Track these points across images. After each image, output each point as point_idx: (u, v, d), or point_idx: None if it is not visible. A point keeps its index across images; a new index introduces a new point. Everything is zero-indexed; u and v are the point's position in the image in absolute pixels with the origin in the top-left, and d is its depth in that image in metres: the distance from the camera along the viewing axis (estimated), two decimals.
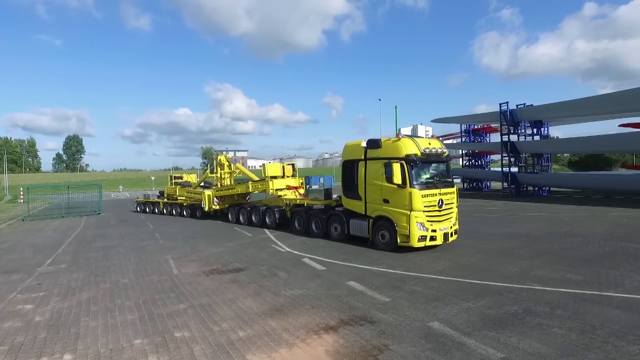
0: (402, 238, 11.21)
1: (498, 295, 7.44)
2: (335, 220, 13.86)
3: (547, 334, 5.63)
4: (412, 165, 11.11)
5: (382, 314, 6.65)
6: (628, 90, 26.90)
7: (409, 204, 10.98)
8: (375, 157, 12.08)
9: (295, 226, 15.91)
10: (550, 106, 31.65)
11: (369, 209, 12.31)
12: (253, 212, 18.68)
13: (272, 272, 9.89)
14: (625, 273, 8.62)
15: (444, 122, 47.31)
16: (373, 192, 12.10)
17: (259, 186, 19.01)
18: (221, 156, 23.00)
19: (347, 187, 13.25)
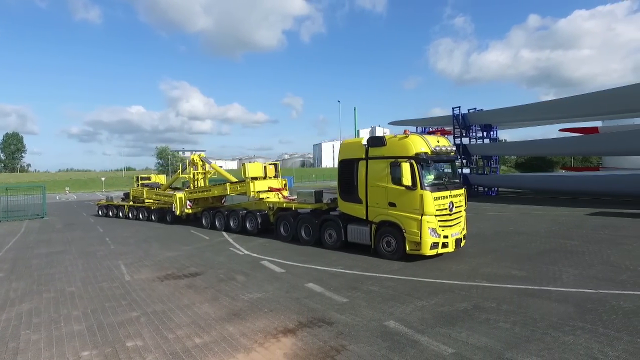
0: (412, 245, 10.13)
1: (450, 292, 7.78)
2: (330, 226, 12.50)
3: (494, 328, 5.97)
4: (422, 165, 10.10)
5: (340, 315, 6.75)
6: (567, 97, 29.14)
7: (419, 207, 9.91)
8: (379, 156, 10.90)
9: (280, 232, 14.43)
10: (499, 111, 33.51)
11: (371, 214, 11.12)
12: (231, 216, 17.10)
13: (230, 276, 9.74)
14: (562, 268, 9.30)
15: (401, 125, 48.60)
16: (376, 195, 10.93)
17: (238, 188, 17.31)
18: (194, 155, 20.99)
19: (344, 189, 12.06)
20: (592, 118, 33.85)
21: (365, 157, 11.33)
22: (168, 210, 21.31)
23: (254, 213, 16.05)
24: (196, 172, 20.63)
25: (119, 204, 26.27)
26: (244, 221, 16.38)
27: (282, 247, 13.27)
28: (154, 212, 22.64)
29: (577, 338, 5.53)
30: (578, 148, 33.80)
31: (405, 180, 9.94)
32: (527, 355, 5.09)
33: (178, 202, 20.05)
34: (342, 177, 12.16)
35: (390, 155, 10.65)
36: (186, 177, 21.57)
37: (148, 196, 23.57)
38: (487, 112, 34.28)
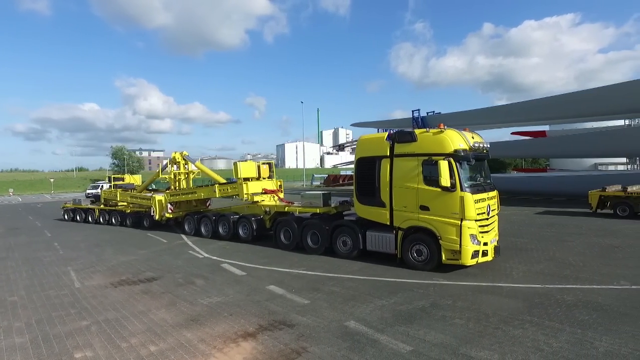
0: (449, 254, 9.04)
1: (409, 291, 7.97)
2: (345, 233, 11.08)
3: (450, 325, 6.18)
4: (460, 164, 9.06)
5: (301, 317, 6.73)
6: (518, 103, 30.81)
7: (459, 211, 8.82)
8: (407, 153, 9.70)
9: (280, 240, 12.78)
10: (456, 115, 34.83)
11: (397, 219, 9.89)
12: (220, 222, 15.21)
13: (188, 280, 9.46)
14: (513, 265, 9.79)
15: (363, 127, 49.37)
16: (404, 197, 9.71)
17: (228, 190, 15.53)
18: (176, 153, 18.78)
19: (363, 190, 10.71)
20: (540, 122, 36.00)
21: (389, 155, 10.06)
22: (145, 214, 19.27)
23: (248, 218, 14.34)
24: (178, 172, 18.67)
25: (88, 207, 23.63)
26: (236, 227, 14.63)
27: (243, 250, 13.07)
28: (128, 217, 20.37)
29: (526, 331, 5.83)
30: (528, 150, 35.89)
31: (444, 180, 8.77)
32: (480, 349, 5.30)
33: (157, 205, 17.95)
34: (360, 178, 10.83)
35: (422, 152, 9.46)
36: (166, 177, 19.42)
37: (122, 199, 21.29)
38: (445, 115, 35.50)
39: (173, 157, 18.79)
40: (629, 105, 25.92)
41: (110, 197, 22.41)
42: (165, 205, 17.83)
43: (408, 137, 9.77)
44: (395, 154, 9.98)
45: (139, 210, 19.91)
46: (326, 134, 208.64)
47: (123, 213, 20.85)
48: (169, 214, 17.85)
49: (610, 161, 52.84)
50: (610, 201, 18.68)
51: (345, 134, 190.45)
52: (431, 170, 9.23)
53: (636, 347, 5.22)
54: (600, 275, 8.49)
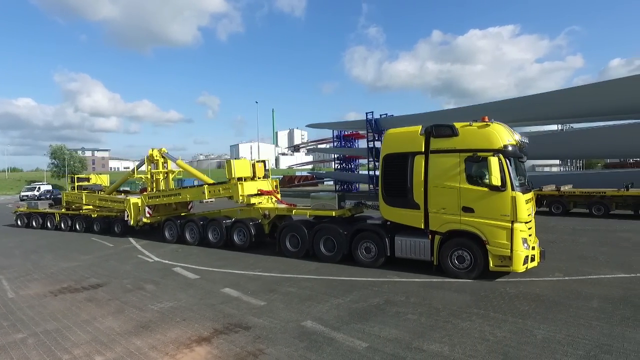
0: (497, 260, 8.26)
1: (364, 289, 8.14)
2: (368, 238, 9.98)
3: (403, 320, 6.38)
4: (510, 160, 8.32)
5: (257, 319, 6.66)
6: (464, 107, 32.49)
7: (510, 213, 8.09)
8: (447, 149, 8.80)
9: (286, 246, 11.44)
10: (407, 117, 36.15)
11: (434, 222, 8.96)
12: (210, 227, 13.55)
13: (137, 286, 9.03)
14: None
15: (318, 128, 49.78)
16: (441, 198, 8.82)
17: (220, 191, 13.99)
18: (153, 150, 16.73)
19: (391, 191, 9.72)
20: None
21: (424, 151, 9.12)
22: (116, 219, 17.20)
23: (245, 223, 12.68)
24: (156, 171, 16.66)
25: (47, 211, 20.80)
26: (230, 233, 12.96)
27: (196, 252, 12.69)
28: (95, 222, 18.19)
29: (473, 323, 6.16)
30: None
31: (495, 179, 8.05)
32: (432, 342, 5.53)
33: (132, 209, 15.91)
34: (387, 177, 9.81)
35: (465, 147, 8.61)
36: (142, 177, 17.31)
37: (89, 202, 18.86)
38: (397, 117, 36.74)
39: (150, 155, 16.71)
40: (560, 112, 28.22)
41: (74, 200, 19.76)
42: (143, 208, 15.79)
43: (448, 131, 8.84)
44: (432, 149, 9.00)
45: (109, 214, 17.83)
46: (281, 135, 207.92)
47: (89, 218, 18.59)
48: (146, 219, 15.77)
49: (546, 163, 57.12)
50: (546, 200, 20.20)
51: (301, 134, 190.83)
52: (476, 168, 8.52)
53: (569, 332, 5.68)
54: (538, 268, 9.14)
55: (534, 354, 5.09)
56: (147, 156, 16.79)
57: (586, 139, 28.15)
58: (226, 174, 13.73)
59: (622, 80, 23.99)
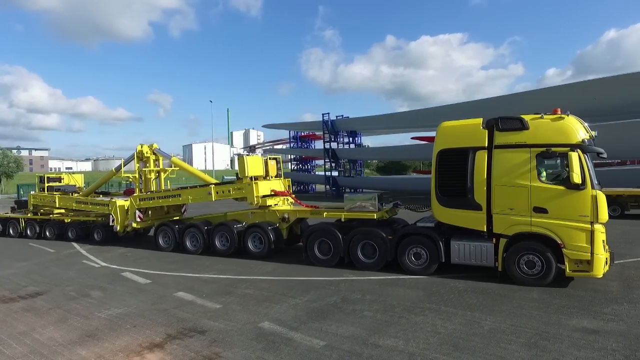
0: (574, 265, 7.59)
1: (321, 288, 8.19)
2: (417, 243, 9.07)
3: (360, 317, 6.51)
4: (587, 157, 7.67)
5: (213, 322, 6.50)
6: (417, 110, 33.68)
7: (590, 213, 7.41)
8: (515, 143, 8.05)
9: (315, 254, 10.23)
10: (362, 119, 36.90)
11: (499, 224, 8.20)
12: (217, 233, 11.92)
13: (82, 293, 8.51)
14: None
15: (275, 128, 49.50)
16: (509, 198, 8.07)
17: (231, 192, 12.22)
18: (143, 146, 14.77)
19: (447, 190, 8.91)
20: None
21: (487, 146, 8.39)
22: (96, 224, 15.04)
23: (263, 227, 11.23)
24: (147, 169, 14.76)
25: (9, 216, 18.18)
26: (243, 239, 11.49)
27: (147, 256, 12.16)
28: (70, 228, 15.82)
29: (426, 317, 6.40)
30: (425, 154, 39.26)
31: (576, 176, 7.35)
32: (387, 338, 5.68)
33: (120, 212, 13.94)
34: (442, 175, 8.99)
35: (537, 142, 7.88)
36: (129, 177, 15.21)
37: (63, 205, 16.42)
38: (352, 119, 37.35)
39: (139, 152, 14.66)
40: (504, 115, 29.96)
41: (44, 203, 17.22)
42: (132, 212, 13.84)
43: (516, 124, 8.08)
44: (497, 144, 8.27)
45: (87, 219, 15.70)
46: (237, 135, 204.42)
47: (61, 224, 16.19)
48: (137, 224, 13.88)
49: None
50: None
51: (257, 135, 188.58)
52: (550, 165, 7.99)
53: (512, 322, 6.07)
54: None
55: (482, 344, 5.38)
56: (136, 153, 14.71)
57: None
58: (239, 172, 12.11)
59: (557, 88, 26.04)
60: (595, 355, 4.96)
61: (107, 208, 14.45)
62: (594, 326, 5.84)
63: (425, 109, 33.63)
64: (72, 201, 16.09)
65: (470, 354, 5.13)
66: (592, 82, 24.74)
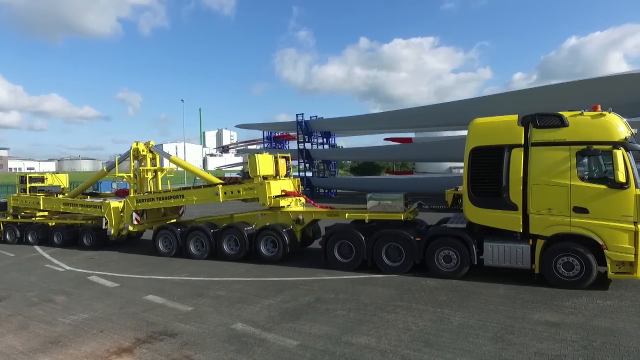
0: (616, 267, 7.34)
1: (295, 288, 8.20)
2: (448, 245, 8.65)
3: (333, 317, 6.55)
4: (630, 155, 7.45)
5: (184, 325, 6.39)
6: (389, 111, 34.23)
7: (634, 213, 7.17)
8: (554, 140, 7.77)
9: (335, 257, 9.73)
10: (336, 120, 37.13)
11: (536, 224, 7.89)
12: (225, 236, 11.16)
13: (45, 298, 8.16)
14: None
15: (248, 128, 49.06)
16: (547, 197, 7.78)
17: (241, 192, 11.45)
18: (138, 143, 13.82)
19: (480, 189, 8.56)
20: (408, 130, 40.55)
21: (523, 143, 8.09)
22: (85, 228, 14.10)
23: (277, 230, 10.54)
24: (144, 168, 13.85)
25: None
26: (254, 243, 10.76)
27: (115, 259, 11.80)
28: (55, 233, 14.55)
29: (397, 315, 6.52)
30: (398, 155, 40.08)
31: (621, 175, 7.12)
32: (360, 336, 5.75)
33: (114, 215, 12.96)
34: (475, 173, 8.62)
35: (577, 139, 7.63)
36: (124, 176, 14.10)
37: (48, 207, 15.05)
38: (327, 120, 37.51)
39: (134, 149, 13.68)
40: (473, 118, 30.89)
41: (25, 205, 15.72)
42: (128, 214, 12.85)
43: (555, 120, 7.81)
44: (534, 142, 7.97)
45: (73, 222, 14.70)
46: (209, 135, 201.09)
47: (46, 227, 15.04)
48: (133, 227, 12.87)
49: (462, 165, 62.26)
50: (461, 198, 21.98)
51: (230, 135, 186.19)
52: (592, 163, 7.85)
53: (480, 317, 6.27)
54: None
55: (450, 339, 5.54)
56: (132, 151, 13.70)
57: None
58: (250, 171, 11.39)
59: (522, 92, 27.09)
60: (556, 347, 5.20)
61: (99, 210, 13.39)
62: (556, 319, 6.12)
63: (398, 111, 34.16)
64: (58, 203, 14.75)
65: (440, 349, 5.27)
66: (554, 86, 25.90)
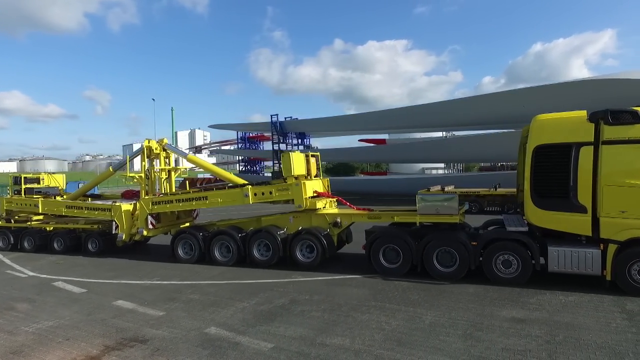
0: None
1: (269, 291, 8.16)
2: (508, 249, 8.11)
3: (308, 318, 6.57)
4: None
5: (155, 330, 6.25)
6: (364, 113, 34.61)
7: None
8: (628, 138, 7.24)
9: (380, 261, 9.13)
10: (311, 121, 37.24)
11: (608, 228, 7.39)
12: (254, 241, 10.38)
13: (6, 306, 7.79)
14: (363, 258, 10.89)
15: (222, 129, 48.47)
16: (621, 199, 7.28)
17: (274, 193, 10.55)
18: (151, 141, 12.78)
19: (545, 190, 8.00)
20: (382, 131, 41.11)
21: (593, 141, 7.53)
22: (92, 233, 12.94)
23: (314, 234, 9.87)
24: (164, 168, 12.94)
25: None
26: (289, 248, 10.02)
27: (82, 263, 11.40)
28: (56, 238, 13.25)
29: (371, 315, 6.61)
30: (372, 156, 40.58)
31: None
32: (335, 337, 5.80)
33: (125, 218, 12.01)
34: (540, 173, 8.06)
35: None
36: (135, 176, 12.98)
37: (48, 210, 13.78)
38: (301, 121, 37.55)
39: (146, 147, 12.64)
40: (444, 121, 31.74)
41: (21, 209, 14.38)
42: (142, 218, 11.80)
43: (629, 117, 7.28)
44: (605, 139, 7.42)
45: (75, 227, 13.56)
46: (181, 135, 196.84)
47: (43, 233, 13.74)
48: (148, 232, 11.80)
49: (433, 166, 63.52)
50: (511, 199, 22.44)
51: (203, 135, 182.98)
52: None
53: (451, 316, 6.45)
54: None
55: (422, 338, 5.67)
56: (144, 149, 12.69)
57: (464, 146, 32.03)
58: (283, 170, 10.52)
59: (491, 95, 28.01)
60: (522, 342, 5.42)
61: (108, 214, 12.34)
62: (521, 315, 6.37)
63: (373, 112, 34.58)
64: (60, 206, 13.55)
65: (412, 347, 5.38)
66: (521, 90, 26.91)
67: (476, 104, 28.58)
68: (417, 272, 8.74)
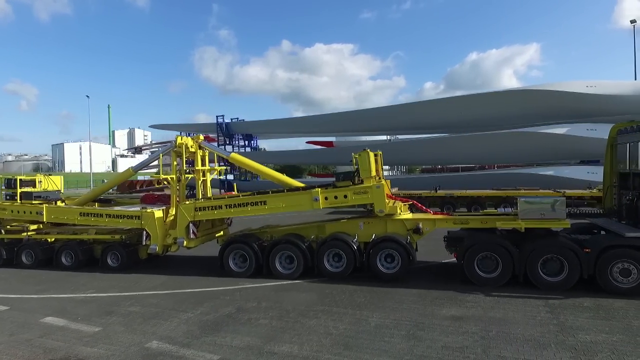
0: None
1: (215, 299, 7.95)
2: (626, 257, 7.40)
3: (256, 326, 6.49)
4: None
5: (90, 348, 5.84)
6: (312, 116, 34.94)
7: None
8: None
9: (475, 271, 8.23)
10: (258, 123, 36.90)
11: None
12: (325, 250, 9.21)
13: None
14: None
15: (164, 129, 46.41)
16: None
17: (351, 197, 9.30)
18: (184, 137, 11.20)
19: None
20: (330, 134, 41.71)
21: None
22: (113, 245, 10.96)
23: (398, 241, 8.84)
24: (201, 169, 11.29)
25: None
26: (369, 257, 8.96)
27: (4, 277, 10.38)
28: (64, 251, 11.17)
29: (319, 320, 6.67)
30: (320, 158, 40.98)
31: None
32: (283, 344, 5.77)
33: (158, 226, 10.31)
34: None
35: None
36: (167, 178, 11.09)
37: (56, 218, 11.55)
38: (248, 122, 37.04)
39: (179, 145, 10.82)
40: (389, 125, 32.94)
41: (17, 217, 12.09)
42: (182, 226, 10.14)
43: None
44: None
45: (87, 238, 11.37)
46: (119, 135, 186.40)
47: (43, 244, 11.64)
48: (190, 242, 10.22)
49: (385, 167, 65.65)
50: None
51: (143, 135, 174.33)
52: None
53: (395, 317, 6.68)
54: None
55: (368, 340, 5.82)
56: (173, 147, 10.95)
57: (406, 149, 33.37)
58: (361, 169, 9.44)
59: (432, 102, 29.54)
60: (459, 339, 5.75)
61: (136, 222, 10.53)
62: (459, 313, 6.75)
63: (320, 116, 35.11)
64: (73, 213, 11.37)
65: (358, 351, 5.51)
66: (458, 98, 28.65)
67: (419, 109, 29.98)
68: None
